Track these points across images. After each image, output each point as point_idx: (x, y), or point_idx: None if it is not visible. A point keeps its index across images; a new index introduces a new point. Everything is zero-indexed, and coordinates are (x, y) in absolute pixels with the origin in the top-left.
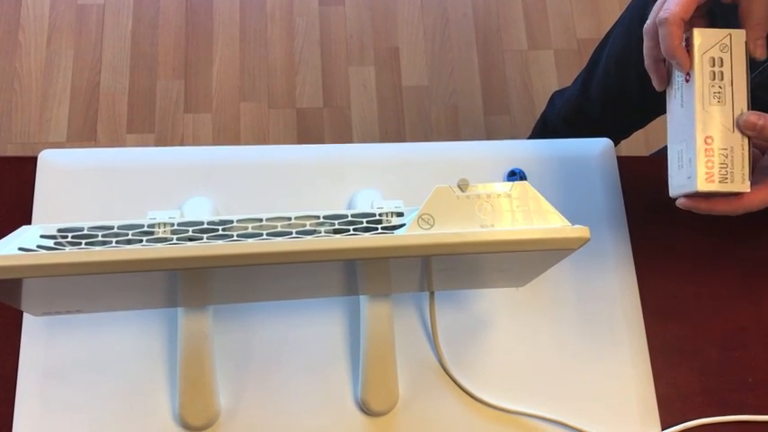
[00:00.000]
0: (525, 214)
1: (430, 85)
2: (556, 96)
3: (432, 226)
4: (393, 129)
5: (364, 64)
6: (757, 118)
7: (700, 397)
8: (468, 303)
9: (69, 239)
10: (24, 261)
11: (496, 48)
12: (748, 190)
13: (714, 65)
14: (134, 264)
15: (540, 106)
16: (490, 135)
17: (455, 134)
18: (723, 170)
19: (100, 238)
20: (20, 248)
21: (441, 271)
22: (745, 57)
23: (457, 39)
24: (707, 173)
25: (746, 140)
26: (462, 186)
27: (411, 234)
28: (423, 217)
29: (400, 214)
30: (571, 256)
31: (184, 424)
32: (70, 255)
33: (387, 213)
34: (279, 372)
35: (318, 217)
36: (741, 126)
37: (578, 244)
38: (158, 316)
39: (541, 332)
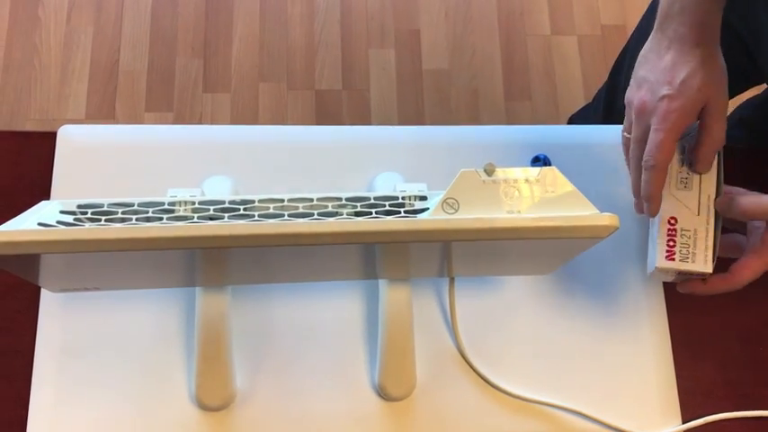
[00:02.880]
0: (553, 200)
1: (450, 69)
2: (575, 119)
3: (456, 210)
4: (412, 112)
5: (384, 46)
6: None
7: (722, 391)
8: (489, 290)
9: (89, 216)
10: (44, 236)
11: (519, 32)
12: (710, 271)
13: (684, 152)
14: (154, 242)
15: (563, 93)
16: (510, 121)
17: (475, 119)
18: (684, 250)
19: (120, 215)
20: (39, 224)
21: (463, 256)
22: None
23: (479, 22)
24: (667, 251)
25: (712, 224)
26: (488, 170)
27: (435, 218)
28: (447, 201)
29: (423, 198)
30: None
31: (200, 404)
32: (90, 231)
33: (410, 197)
34: (296, 354)
35: (341, 199)
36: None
37: (607, 232)
38: (176, 295)
39: (562, 321)
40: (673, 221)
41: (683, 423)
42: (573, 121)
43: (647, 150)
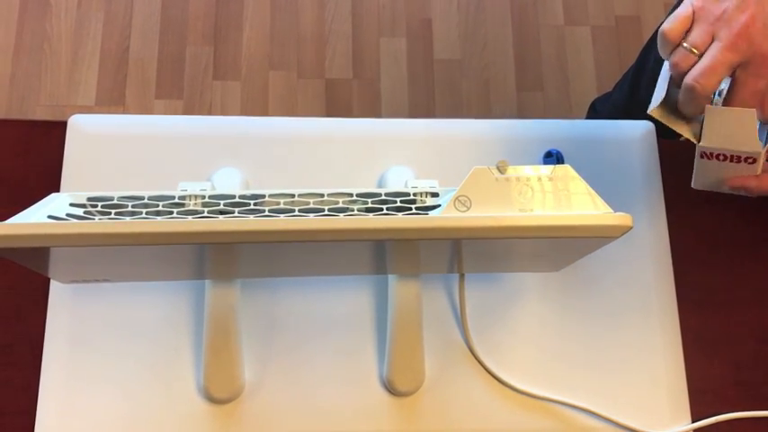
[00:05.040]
0: (566, 199)
1: (462, 59)
2: (597, 103)
3: (468, 208)
4: (423, 102)
5: (396, 35)
6: None
7: (733, 390)
8: (499, 286)
9: (99, 209)
10: (54, 230)
11: (532, 22)
12: (760, 150)
13: None
14: (164, 237)
15: (575, 84)
16: (522, 112)
17: (486, 110)
18: None
19: (130, 209)
20: (49, 216)
21: (474, 253)
22: None
23: (491, 11)
24: None
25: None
26: (501, 168)
27: (447, 216)
28: (459, 198)
29: (435, 195)
30: None
31: (209, 396)
32: (100, 225)
33: (421, 193)
34: (304, 348)
35: (351, 195)
36: None
37: (620, 232)
38: (185, 288)
39: (572, 318)
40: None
41: (693, 422)
42: (595, 105)
43: (697, 68)
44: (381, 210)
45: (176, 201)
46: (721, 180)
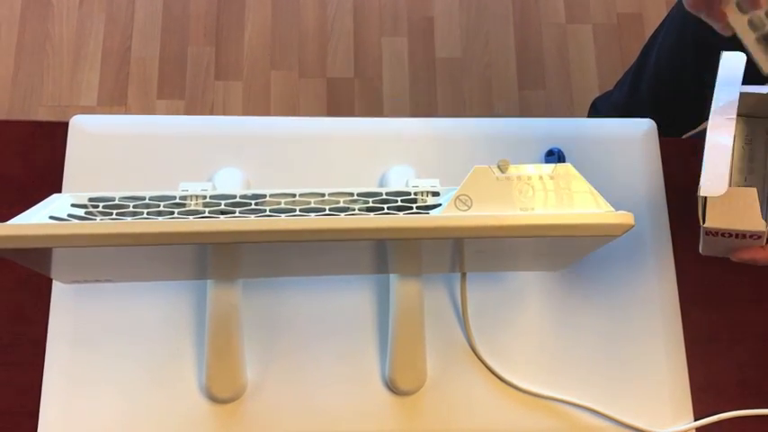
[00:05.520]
0: (567, 198)
1: (464, 58)
2: (598, 102)
3: (469, 207)
4: (425, 101)
5: (397, 34)
6: None
7: (735, 388)
8: (501, 285)
9: (100, 209)
10: (56, 230)
11: (534, 20)
12: (763, 229)
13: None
14: (165, 237)
15: (577, 82)
16: (524, 110)
17: (488, 108)
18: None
19: (131, 209)
20: (51, 217)
21: (475, 253)
22: None
23: (493, 9)
24: None
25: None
26: (502, 167)
27: (448, 215)
28: (460, 198)
29: (436, 194)
30: None
31: (211, 396)
32: (101, 226)
33: (422, 192)
34: (306, 348)
35: (352, 194)
36: None
37: (621, 231)
38: (187, 288)
39: (574, 316)
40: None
41: (696, 420)
42: (596, 104)
43: None
44: (382, 209)
45: (177, 201)
46: (728, 251)
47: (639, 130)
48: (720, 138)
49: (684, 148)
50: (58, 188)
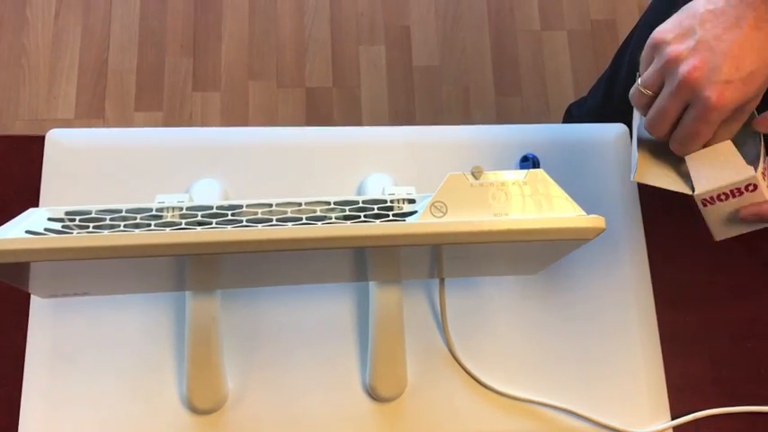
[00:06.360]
0: (539, 203)
1: (441, 65)
2: (573, 108)
3: (444, 214)
4: (403, 109)
5: (375, 43)
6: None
7: (711, 387)
8: (479, 290)
9: (77, 222)
10: (32, 245)
11: (509, 28)
12: (752, 173)
13: None
14: (142, 249)
15: (553, 88)
16: (501, 117)
17: (465, 115)
18: None
19: (108, 222)
20: (27, 231)
21: (452, 259)
22: None
23: (469, 18)
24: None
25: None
26: (476, 174)
27: (423, 222)
28: (435, 204)
29: (412, 201)
30: None
31: (192, 407)
32: (78, 239)
33: (398, 200)
34: (287, 357)
35: (329, 203)
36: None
37: (593, 234)
38: (166, 299)
39: (552, 319)
40: None
41: (673, 419)
42: (571, 110)
43: (682, 135)
44: (359, 217)
45: (154, 213)
46: (735, 218)
47: (612, 135)
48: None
49: None
50: (35, 203)
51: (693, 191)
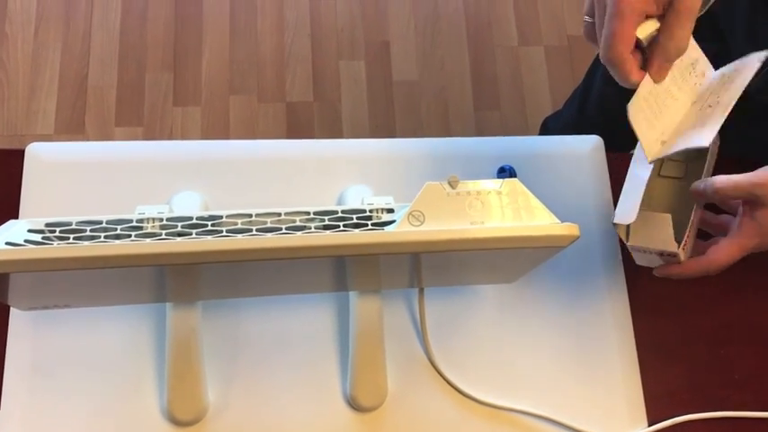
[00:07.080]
0: (515, 211)
1: (420, 80)
2: (549, 121)
3: (422, 223)
4: (383, 123)
5: (355, 58)
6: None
7: (687, 393)
8: (458, 299)
9: (57, 234)
10: (11, 256)
11: (487, 43)
12: (675, 250)
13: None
14: (122, 259)
15: (530, 103)
16: (480, 130)
17: (445, 129)
18: None
19: (88, 233)
20: (7, 243)
21: (430, 267)
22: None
23: (448, 33)
24: None
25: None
26: (452, 183)
27: (401, 231)
28: (413, 214)
29: (390, 210)
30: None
31: (173, 419)
32: (58, 250)
33: (377, 210)
34: (268, 367)
35: (308, 213)
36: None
37: (568, 241)
38: (146, 311)
39: (530, 328)
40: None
41: (650, 426)
42: (547, 123)
43: (601, 47)
44: (338, 227)
45: (134, 224)
46: (654, 263)
47: (587, 147)
48: (639, 171)
49: (630, 163)
50: (14, 216)
51: (627, 240)
